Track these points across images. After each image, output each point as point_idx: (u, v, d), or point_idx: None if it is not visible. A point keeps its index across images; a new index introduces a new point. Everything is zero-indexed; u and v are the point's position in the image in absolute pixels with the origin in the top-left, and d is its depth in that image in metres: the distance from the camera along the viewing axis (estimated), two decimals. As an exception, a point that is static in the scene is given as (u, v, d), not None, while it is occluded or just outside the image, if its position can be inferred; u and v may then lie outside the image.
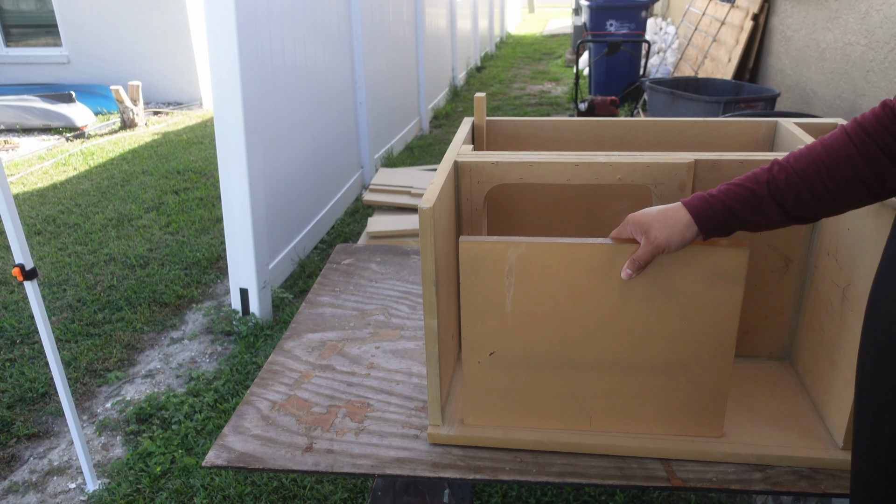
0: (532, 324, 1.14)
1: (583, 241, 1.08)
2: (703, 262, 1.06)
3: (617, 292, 1.09)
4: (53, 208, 4.58)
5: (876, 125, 0.87)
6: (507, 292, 1.12)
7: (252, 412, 1.35)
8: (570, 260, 1.08)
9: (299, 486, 2.10)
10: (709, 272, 1.06)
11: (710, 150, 1.58)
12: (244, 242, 2.99)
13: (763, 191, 0.95)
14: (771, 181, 0.95)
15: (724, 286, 1.07)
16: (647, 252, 1.03)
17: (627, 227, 1.06)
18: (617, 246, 1.07)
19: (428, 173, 4.11)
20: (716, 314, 1.09)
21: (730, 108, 4.11)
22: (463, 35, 9.47)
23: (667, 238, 1.01)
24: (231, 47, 2.79)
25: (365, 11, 4.72)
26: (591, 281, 1.09)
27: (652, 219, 1.03)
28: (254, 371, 2.69)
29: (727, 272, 1.06)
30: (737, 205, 0.97)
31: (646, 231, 1.03)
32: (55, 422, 2.48)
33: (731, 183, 0.99)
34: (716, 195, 0.99)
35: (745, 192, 0.96)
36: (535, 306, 1.12)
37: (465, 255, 1.11)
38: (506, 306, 1.13)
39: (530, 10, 25.16)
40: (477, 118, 1.59)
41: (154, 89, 8.04)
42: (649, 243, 1.02)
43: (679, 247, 1.02)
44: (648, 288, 1.08)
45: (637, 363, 1.14)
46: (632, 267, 1.05)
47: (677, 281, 1.07)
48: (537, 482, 1.14)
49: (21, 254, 1.83)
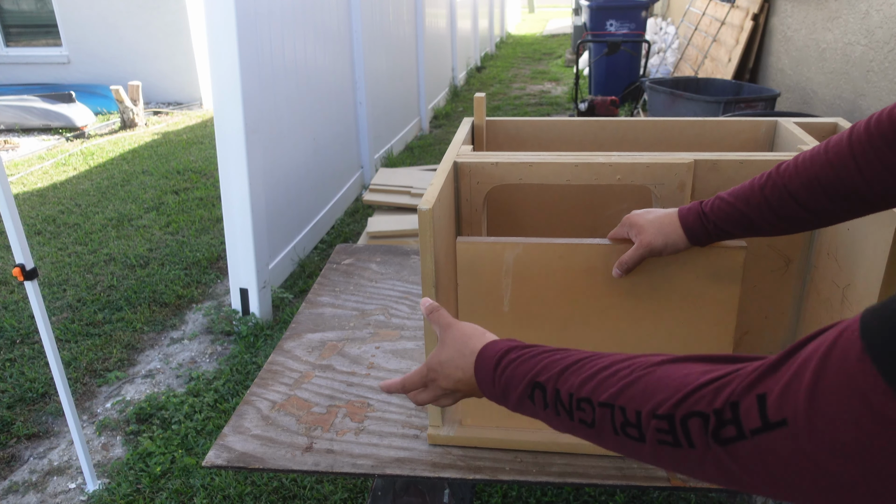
0: (530, 325, 1.14)
1: (580, 242, 1.08)
2: (701, 261, 1.06)
3: (614, 292, 1.09)
4: (53, 208, 4.58)
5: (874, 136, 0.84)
6: (505, 293, 1.12)
7: (252, 412, 1.35)
8: (567, 260, 1.08)
9: (299, 486, 2.10)
10: (706, 271, 1.06)
11: (709, 150, 1.58)
12: (244, 242, 2.99)
13: (754, 213, 0.95)
14: (763, 204, 0.94)
15: (721, 285, 1.07)
16: (637, 255, 1.04)
17: (624, 227, 1.07)
18: (614, 246, 1.07)
19: (428, 173, 4.11)
20: (713, 313, 1.09)
21: (730, 108, 4.11)
22: (463, 35, 9.46)
23: (661, 244, 1.02)
24: (231, 47, 2.79)
25: (365, 11, 4.72)
26: (589, 281, 1.09)
27: (648, 223, 1.03)
28: (254, 371, 2.69)
29: (724, 271, 1.06)
30: (729, 226, 0.98)
31: (639, 232, 1.04)
32: (55, 422, 2.48)
33: (725, 200, 0.98)
34: (709, 214, 0.99)
35: (736, 214, 0.96)
36: (533, 307, 1.12)
37: (463, 256, 1.11)
38: (503, 307, 1.13)
39: (530, 10, 25.15)
40: (477, 118, 1.59)
41: (154, 89, 8.04)
42: (641, 246, 1.03)
43: (671, 253, 1.04)
44: (646, 287, 1.08)
45: None
46: (620, 267, 1.06)
47: (675, 280, 1.08)
48: (537, 482, 1.14)
49: (21, 254, 1.83)
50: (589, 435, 0.64)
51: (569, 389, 0.65)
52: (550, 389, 0.67)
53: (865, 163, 0.83)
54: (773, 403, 0.46)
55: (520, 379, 0.71)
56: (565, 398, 0.65)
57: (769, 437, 0.46)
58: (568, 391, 0.65)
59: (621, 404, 0.59)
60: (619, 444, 0.61)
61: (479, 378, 0.77)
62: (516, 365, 0.72)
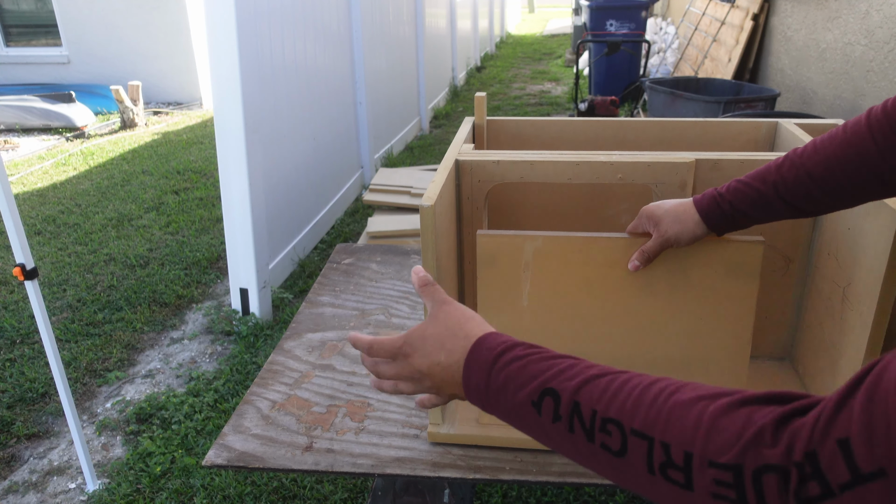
0: (548, 318, 1.14)
1: (599, 235, 1.09)
2: (719, 255, 1.07)
3: (633, 286, 1.10)
4: (53, 208, 4.58)
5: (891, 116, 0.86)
6: (524, 286, 1.12)
7: (252, 412, 1.35)
8: (586, 254, 1.09)
9: (299, 486, 2.10)
10: (724, 266, 1.07)
11: (710, 150, 1.58)
12: (244, 242, 2.99)
13: (770, 192, 0.95)
14: (779, 182, 0.94)
15: (739, 279, 1.08)
16: (656, 245, 1.04)
17: (642, 219, 1.08)
18: (633, 240, 1.08)
19: (428, 173, 4.11)
20: (732, 307, 1.09)
21: (730, 108, 4.11)
22: (463, 35, 9.46)
23: (676, 234, 1.03)
24: (231, 47, 2.79)
25: (365, 11, 4.72)
26: (607, 275, 1.10)
27: (665, 213, 1.04)
28: (254, 371, 2.69)
29: (742, 265, 1.07)
30: (745, 205, 0.98)
31: (657, 224, 1.04)
32: (55, 422, 2.48)
33: (741, 181, 0.99)
34: (724, 194, 1.00)
35: (753, 194, 0.97)
36: (551, 300, 1.13)
37: (483, 249, 1.11)
38: (522, 300, 1.13)
39: (530, 10, 25.15)
40: (477, 118, 1.58)
41: (154, 89, 8.04)
42: (659, 236, 1.04)
43: (689, 242, 1.04)
44: (664, 282, 1.09)
45: (653, 357, 1.15)
46: (639, 258, 1.06)
47: (693, 275, 1.08)
48: (537, 482, 1.14)
49: (21, 254, 1.83)
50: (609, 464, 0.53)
51: (591, 404, 0.54)
52: (567, 399, 0.56)
53: (883, 139, 0.85)
54: (862, 451, 0.39)
55: (527, 379, 0.60)
56: (586, 413, 0.55)
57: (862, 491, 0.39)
58: (590, 406, 0.54)
59: (665, 440, 0.49)
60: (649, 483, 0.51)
61: (470, 368, 0.65)
62: (525, 363, 0.61)
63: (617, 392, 0.54)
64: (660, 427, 0.50)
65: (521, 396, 0.60)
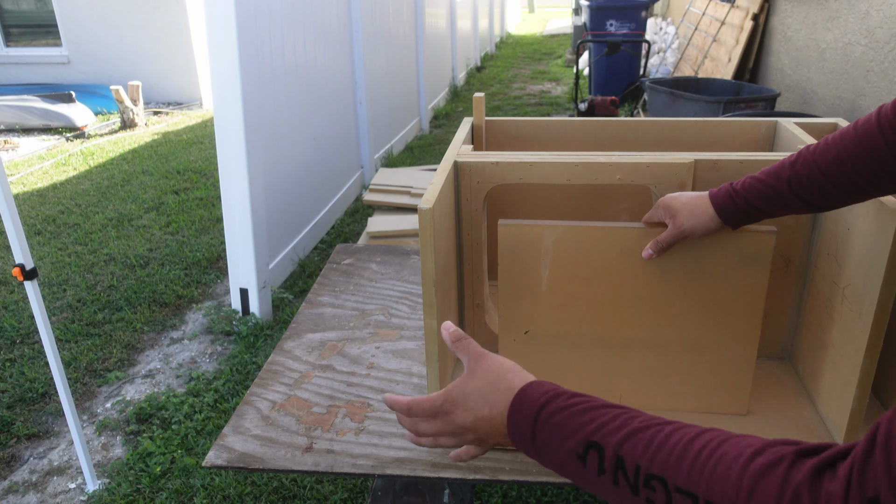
0: (566, 304, 1.18)
1: (616, 225, 1.12)
2: (731, 245, 1.10)
3: (648, 274, 1.13)
4: (53, 208, 4.58)
5: None
6: (543, 273, 1.16)
7: (252, 412, 1.35)
8: (603, 243, 1.13)
9: (299, 486, 2.10)
10: (736, 255, 1.10)
11: (710, 150, 1.58)
12: (244, 242, 2.99)
13: (784, 188, 0.98)
14: (792, 178, 0.97)
15: (751, 268, 1.11)
16: (671, 236, 1.08)
17: (658, 210, 1.11)
18: (648, 230, 1.11)
19: (428, 173, 4.11)
20: (743, 295, 1.13)
21: (730, 108, 4.11)
22: (463, 35, 9.46)
23: (692, 227, 1.06)
24: (231, 47, 2.79)
25: (365, 11, 4.72)
26: (624, 263, 1.13)
27: (681, 205, 1.07)
28: (254, 371, 2.69)
29: (754, 255, 1.10)
30: (759, 202, 1.01)
31: (673, 215, 1.07)
32: (55, 422, 2.48)
33: (755, 178, 1.02)
34: (740, 191, 1.03)
35: (767, 190, 1.00)
36: (570, 287, 1.17)
37: (504, 238, 1.15)
38: (541, 287, 1.17)
39: (530, 10, 25.15)
40: (476, 118, 1.58)
41: (154, 89, 8.04)
42: (675, 228, 1.07)
43: (702, 235, 1.07)
44: (678, 270, 1.12)
45: (667, 342, 1.18)
46: (654, 248, 1.09)
47: (706, 263, 1.11)
48: (537, 482, 1.14)
49: (21, 254, 1.83)
50: None
51: (635, 460, 0.55)
52: (611, 454, 0.57)
53: (892, 136, 0.87)
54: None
55: (571, 432, 0.60)
56: (630, 469, 0.55)
57: None
58: (634, 461, 0.55)
59: (711, 499, 0.50)
60: None
61: (514, 421, 0.66)
62: (567, 415, 0.61)
63: (660, 447, 0.54)
64: (703, 487, 0.51)
65: (566, 449, 0.61)
